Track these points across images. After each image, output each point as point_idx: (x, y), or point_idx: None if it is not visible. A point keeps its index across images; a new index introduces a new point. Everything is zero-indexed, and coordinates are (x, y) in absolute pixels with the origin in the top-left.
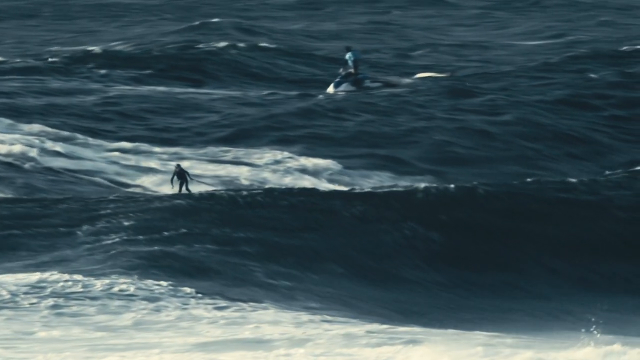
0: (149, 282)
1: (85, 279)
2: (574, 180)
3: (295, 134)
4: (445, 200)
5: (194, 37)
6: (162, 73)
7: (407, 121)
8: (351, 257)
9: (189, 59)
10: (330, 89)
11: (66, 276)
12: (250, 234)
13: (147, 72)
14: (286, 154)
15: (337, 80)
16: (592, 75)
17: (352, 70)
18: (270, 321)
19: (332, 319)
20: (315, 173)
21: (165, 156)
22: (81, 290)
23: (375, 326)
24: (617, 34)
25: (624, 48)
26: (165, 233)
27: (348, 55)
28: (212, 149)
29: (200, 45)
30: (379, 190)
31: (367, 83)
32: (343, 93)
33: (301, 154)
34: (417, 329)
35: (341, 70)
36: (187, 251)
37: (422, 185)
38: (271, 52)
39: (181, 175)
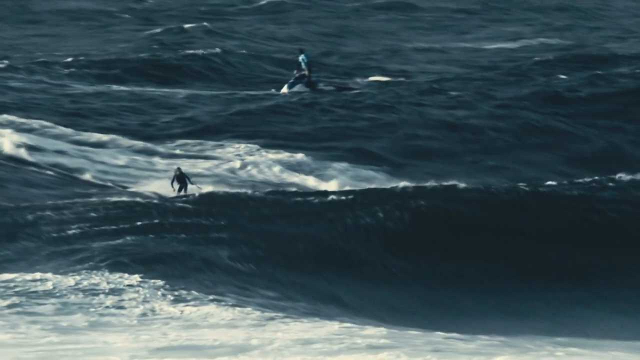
0: (113, 277)
1: (48, 276)
2: (539, 175)
3: (257, 130)
4: (418, 195)
5: (163, 41)
6: (129, 76)
7: (370, 117)
8: (324, 251)
9: (156, 63)
10: (284, 90)
11: (29, 275)
12: (226, 231)
13: (113, 73)
14: (252, 147)
15: (291, 81)
16: (562, 76)
17: (305, 72)
18: (226, 324)
19: (293, 320)
20: (285, 166)
21: (135, 151)
22: (45, 289)
23: (336, 327)
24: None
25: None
26: (133, 227)
27: (301, 57)
28: (184, 142)
29: (168, 50)
30: (344, 186)
31: (321, 86)
32: (296, 93)
33: (266, 148)
34: (379, 331)
35: (295, 71)
36: (157, 245)
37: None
38: (234, 54)
39: (181, 179)
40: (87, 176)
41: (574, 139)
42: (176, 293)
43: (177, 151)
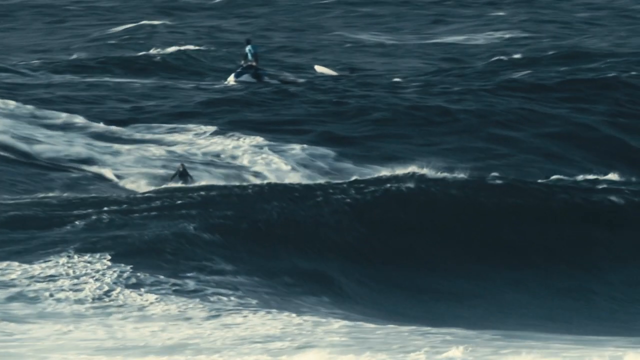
0: (76, 265)
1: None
2: (496, 175)
3: (217, 117)
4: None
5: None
6: (89, 68)
7: (322, 106)
8: (295, 236)
9: (117, 58)
10: (231, 79)
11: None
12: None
13: (75, 65)
14: (209, 132)
15: (238, 71)
16: (515, 76)
17: (253, 63)
18: (180, 316)
19: (251, 312)
20: (249, 151)
21: (96, 136)
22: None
23: (297, 320)
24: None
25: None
26: (98, 212)
27: (248, 48)
28: (157, 129)
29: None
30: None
31: (266, 78)
32: (243, 84)
33: (226, 133)
34: (343, 326)
35: (242, 62)
36: (136, 234)
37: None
38: (193, 50)
39: (183, 175)
40: (46, 159)
41: (541, 123)
42: (136, 282)
43: (152, 135)
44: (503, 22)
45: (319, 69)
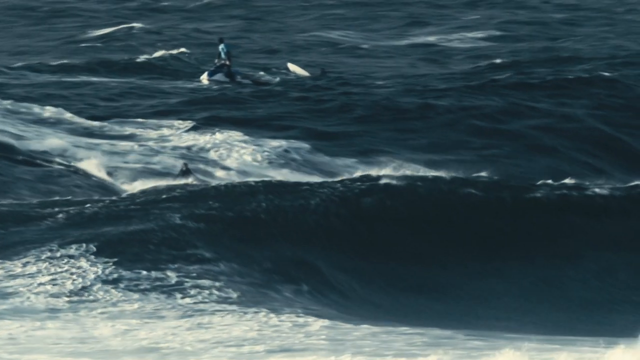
0: (56, 262)
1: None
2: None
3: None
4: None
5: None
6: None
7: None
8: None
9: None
10: (204, 78)
11: None
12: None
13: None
14: (185, 127)
15: (212, 69)
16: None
17: (226, 61)
18: (152, 314)
19: (226, 320)
20: (225, 146)
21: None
22: None
23: (274, 320)
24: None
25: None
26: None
27: (221, 47)
28: (136, 125)
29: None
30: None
31: (239, 78)
32: (216, 83)
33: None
34: (322, 326)
35: (216, 60)
36: (119, 228)
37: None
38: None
39: (186, 174)
40: (24, 154)
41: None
42: (116, 277)
43: (115, 131)
44: (479, 23)
45: (292, 67)
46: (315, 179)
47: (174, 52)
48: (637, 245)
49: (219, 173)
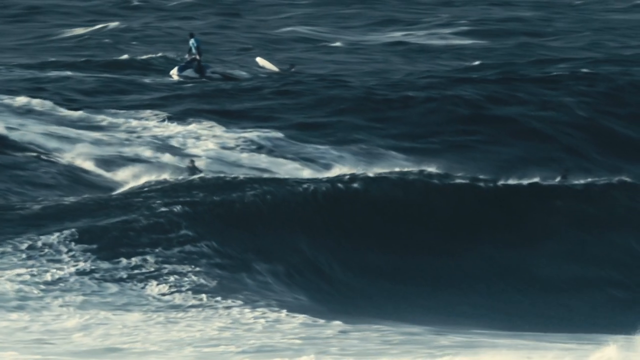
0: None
1: None
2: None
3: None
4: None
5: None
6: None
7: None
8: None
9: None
10: (174, 73)
11: None
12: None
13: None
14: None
15: (182, 65)
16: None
17: (196, 56)
18: (121, 307)
19: (195, 317)
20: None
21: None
22: None
23: (249, 317)
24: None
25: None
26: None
27: (192, 42)
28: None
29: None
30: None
31: (209, 73)
32: (186, 78)
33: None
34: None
35: (187, 55)
36: (97, 221)
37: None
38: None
39: (192, 171)
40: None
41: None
42: (93, 267)
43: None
44: (453, 20)
45: (262, 62)
46: (293, 167)
47: (149, 49)
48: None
49: (197, 163)
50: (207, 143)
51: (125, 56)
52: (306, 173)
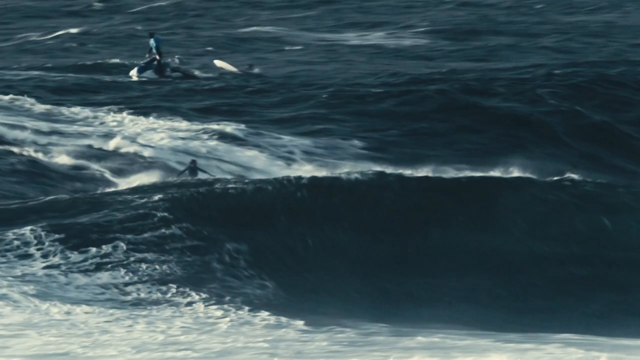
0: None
1: None
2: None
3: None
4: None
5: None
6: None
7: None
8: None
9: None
10: (134, 73)
11: None
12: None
13: None
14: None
15: (141, 65)
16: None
17: (155, 56)
18: (76, 299)
19: (157, 315)
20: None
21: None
22: None
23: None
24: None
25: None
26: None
27: (151, 41)
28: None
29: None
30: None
31: (168, 72)
32: (145, 78)
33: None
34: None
35: (147, 55)
36: (69, 215)
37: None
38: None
39: (193, 172)
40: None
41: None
42: (61, 260)
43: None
44: (417, 22)
45: (220, 63)
46: (257, 158)
47: (110, 51)
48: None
49: (199, 164)
50: (165, 134)
51: (87, 58)
52: (273, 166)
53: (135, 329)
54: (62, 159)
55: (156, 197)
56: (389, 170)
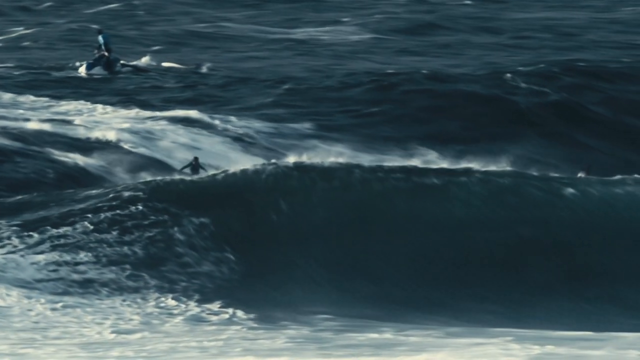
0: None
1: None
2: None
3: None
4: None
5: None
6: None
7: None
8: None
9: None
10: (82, 70)
11: None
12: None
13: None
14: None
15: (90, 62)
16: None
17: (104, 52)
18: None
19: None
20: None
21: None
22: None
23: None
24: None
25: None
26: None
27: (100, 38)
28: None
29: None
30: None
31: (118, 67)
32: (94, 74)
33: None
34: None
35: (95, 52)
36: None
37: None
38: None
39: (195, 168)
40: None
41: None
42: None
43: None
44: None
45: (167, 64)
46: (218, 145)
47: (60, 49)
48: None
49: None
50: (122, 123)
51: (36, 54)
52: (231, 152)
53: (82, 321)
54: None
55: (117, 182)
56: (345, 157)
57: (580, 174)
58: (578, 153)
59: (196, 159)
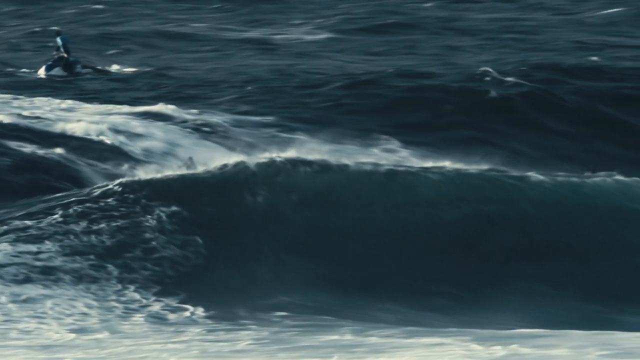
0: None
1: None
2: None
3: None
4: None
5: None
6: None
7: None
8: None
9: None
10: (42, 72)
11: None
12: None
13: None
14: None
15: (49, 63)
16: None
17: (63, 54)
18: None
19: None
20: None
21: None
22: None
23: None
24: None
25: None
26: None
27: (58, 40)
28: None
29: None
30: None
31: (78, 68)
32: (54, 76)
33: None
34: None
35: (54, 53)
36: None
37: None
38: None
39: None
40: None
41: None
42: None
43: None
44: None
45: (128, 68)
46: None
47: (18, 50)
48: None
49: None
50: (86, 117)
51: None
52: (201, 146)
53: (41, 315)
54: None
55: (85, 177)
56: (313, 150)
57: (587, 174)
58: (548, 140)
59: (191, 158)
